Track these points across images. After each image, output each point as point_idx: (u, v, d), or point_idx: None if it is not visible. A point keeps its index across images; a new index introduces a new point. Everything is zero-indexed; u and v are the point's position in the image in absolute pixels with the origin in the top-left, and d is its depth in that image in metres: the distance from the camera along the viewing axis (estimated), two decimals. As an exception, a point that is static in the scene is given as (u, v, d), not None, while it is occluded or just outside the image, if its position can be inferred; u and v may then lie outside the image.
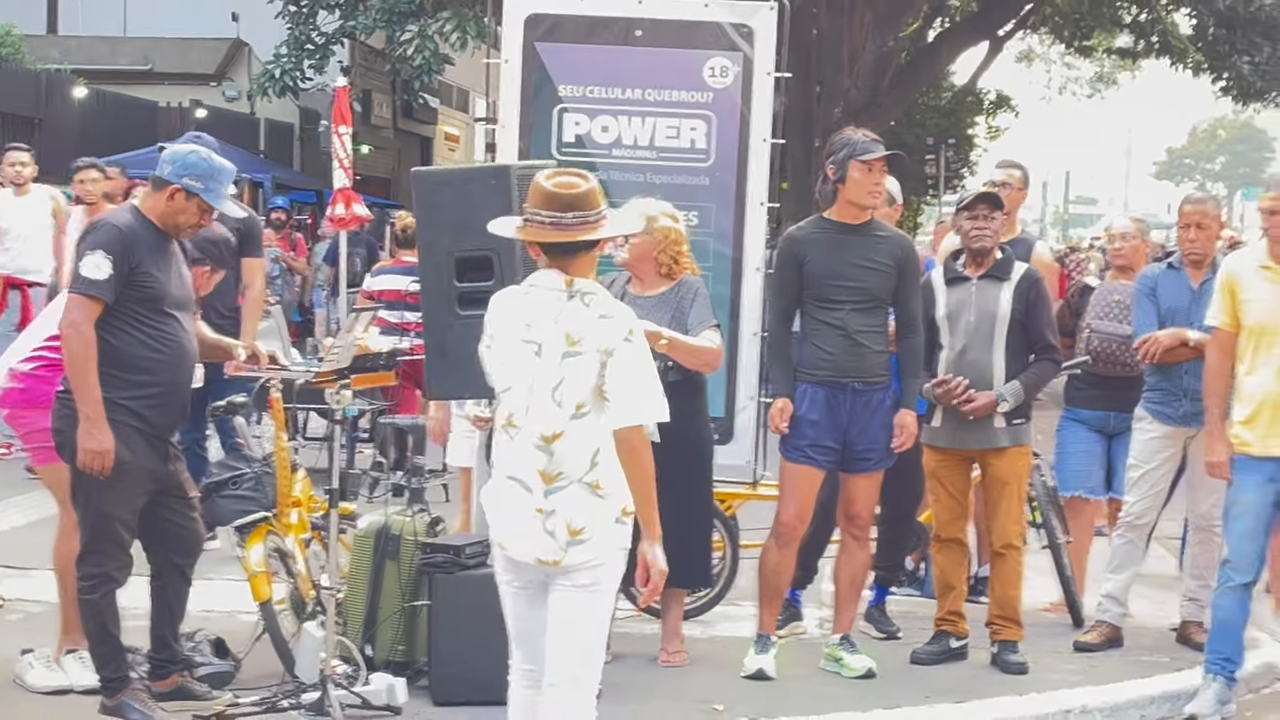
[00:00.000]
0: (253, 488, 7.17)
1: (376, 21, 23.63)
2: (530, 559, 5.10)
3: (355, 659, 6.95)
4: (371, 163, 34.08)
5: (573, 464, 5.04)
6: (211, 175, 6.54)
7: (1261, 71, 28.13)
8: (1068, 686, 7.56)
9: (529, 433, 5.06)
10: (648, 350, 5.11)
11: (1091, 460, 8.81)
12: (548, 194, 5.08)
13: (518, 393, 5.10)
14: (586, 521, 5.02)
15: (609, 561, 5.08)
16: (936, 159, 37.76)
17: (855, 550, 7.69)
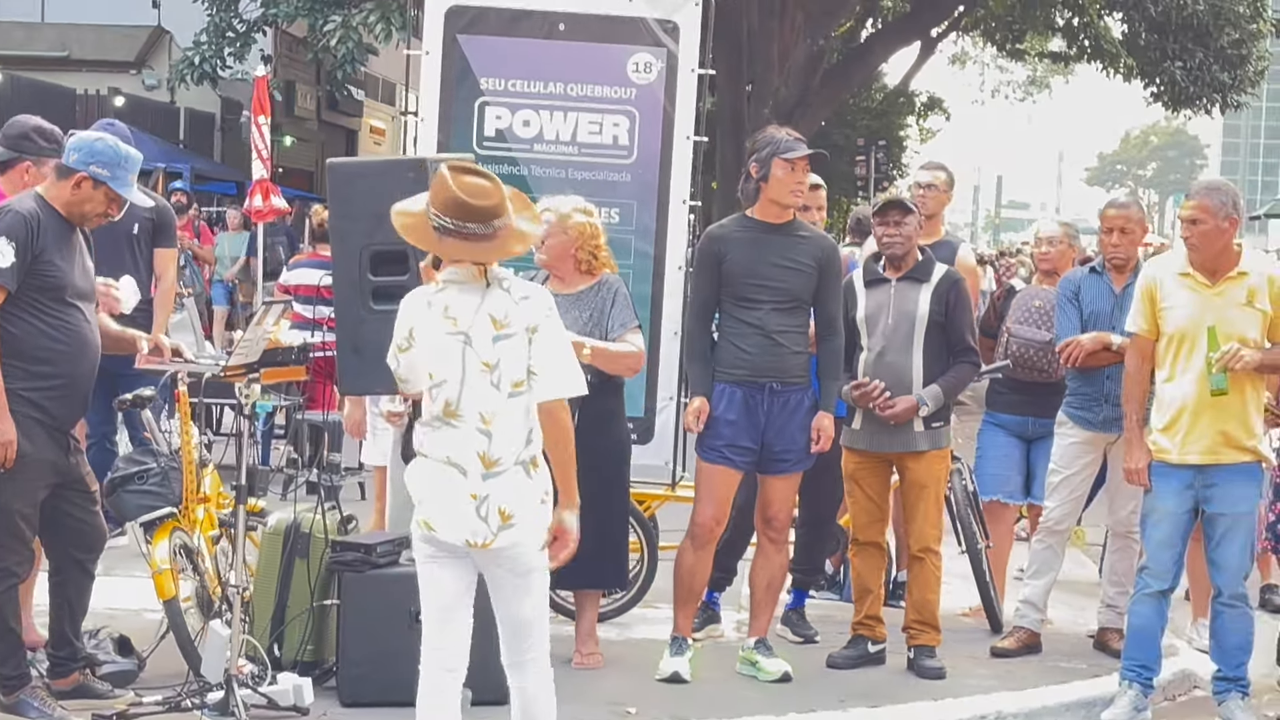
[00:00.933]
0: (159, 483, 7.11)
1: (299, 9, 23.46)
2: (459, 541, 5.31)
3: (262, 658, 6.91)
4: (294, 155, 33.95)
5: (509, 445, 5.28)
6: (119, 163, 6.49)
7: (1194, 77, 28.38)
8: (984, 692, 7.60)
9: (469, 418, 5.28)
10: (562, 326, 5.41)
11: (1011, 465, 8.87)
12: (456, 201, 5.22)
13: (451, 383, 5.30)
14: (517, 506, 5.27)
15: (538, 543, 5.34)
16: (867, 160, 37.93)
17: (772, 553, 7.71)
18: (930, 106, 43.30)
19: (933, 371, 7.72)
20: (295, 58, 32.60)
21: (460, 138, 8.91)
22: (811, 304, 7.53)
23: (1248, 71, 28.98)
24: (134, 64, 33.14)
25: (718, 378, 7.48)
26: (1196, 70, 28.26)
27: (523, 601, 5.41)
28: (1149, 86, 29.78)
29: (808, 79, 26.82)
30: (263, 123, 15.12)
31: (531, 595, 5.42)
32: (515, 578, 5.37)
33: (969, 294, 7.96)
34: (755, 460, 7.51)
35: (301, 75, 34.26)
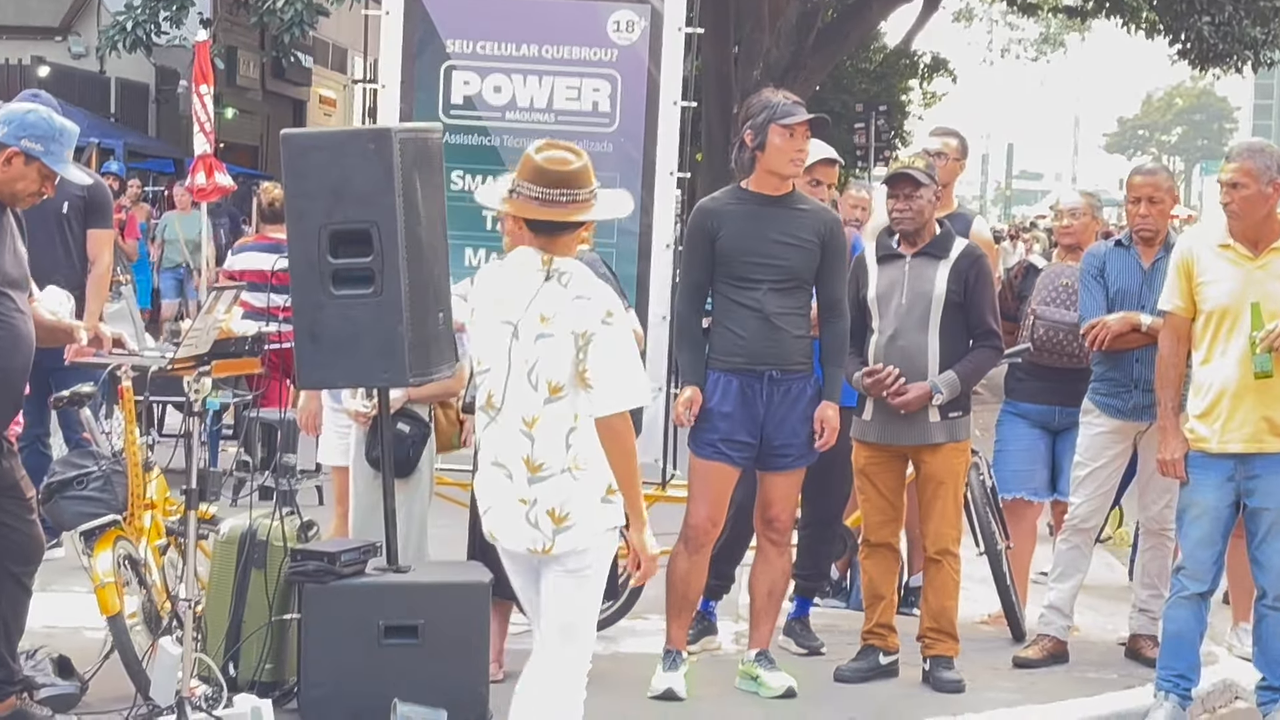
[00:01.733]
0: (100, 488, 7.10)
1: (241, -33, 23.43)
2: (521, 549, 5.56)
3: (216, 679, 6.89)
4: (237, 128, 33.87)
5: (552, 450, 5.46)
6: (53, 137, 6.48)
7: (1223, 33, 28.28)
8: (1006, 705, 7.64)
9: (511, 416, 5.46)
10: (628, 331, 5.49)
11: (1034, 459, 8.90)
12: (537, 168, 5.42)
13: (496, 374, 5.50)
14: (571, 507, 5.45)
15: (596, 545, 5.51)
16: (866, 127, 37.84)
17: (774, 557, 7.73)
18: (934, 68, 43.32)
19: (950, 356, 7.73)
20: (237, 21, 32.53)
21: (425, 106, 8.92)
22: (813, 283, 7.54)
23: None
24: (59, 30, 33.02)
25: (711, 365, 7.49)
26: (1226, 25, 28.17)
27: (571, 603, 5.57)
28: (1174, 43, 29.74)
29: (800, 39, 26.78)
30: (205, 93, 15.07)
31: (581, 598, 5.59)
32: (569, 575, 5.53)
33: (990, 271, 7.98)
34: (754, 455, 7.53)
35: (244, 40, 34.21)
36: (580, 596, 5.58)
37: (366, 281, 6.59)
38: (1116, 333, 8.07)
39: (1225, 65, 30.16)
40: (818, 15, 27.55)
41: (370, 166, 6.60)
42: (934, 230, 7.85)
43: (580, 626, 5.62)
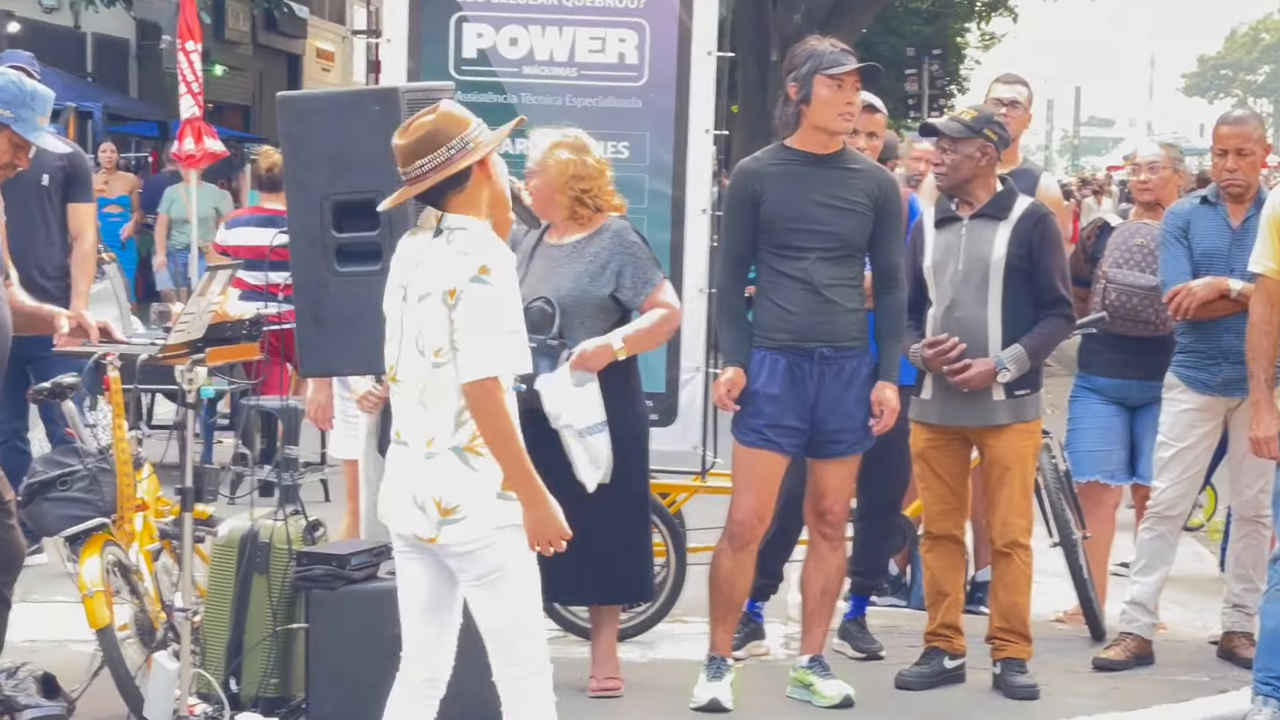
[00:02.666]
0: (86, 488, 7.12)
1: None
2: (406, 533, 5.48)
3: (217, 695, 6.94)
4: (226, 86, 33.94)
5: (441, 425, 5.37)
6: (22, 101, 6.50)
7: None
8: (1085, 713, 7.64)
9: (408, 386, 5.45)
10: (506, 290, 5.34)
11: (1111, 438, 8.89)
12: (396, 148, 5.48)
13: (392, 340, 5.51)
14: (460, 498, 5.34)
15: (495, 544, 5.37)
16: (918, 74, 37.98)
17: (827, 553, 7.73)
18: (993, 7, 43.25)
19: (1014, 328, 7.72)
20: (224, -32, 32.62)
21: (433, 61, 8.92)
22: (867, 251, 7.54)
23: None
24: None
25: (756, 343, 7.49)
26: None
27: (492, 612, 5.48)
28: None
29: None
30: (191, 49, 15.12)
31: (501, 605, 5.46)
32: (478, 584, 5.44)
33: (1059, 232, 7.94)
34: (804, 442, 7.53)
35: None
36: (500, 607, 5.45)
37: (374, 257, 6.55)
38: (1203, 299, 8.06)
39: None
40: (864, -49, 27.51)
41: (375, 131, 6.57)
42: (993, 188, 7.82)
43: (516, 640, 5.50)
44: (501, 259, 5.34)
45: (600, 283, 7.45)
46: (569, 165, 7.50)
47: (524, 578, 5.47)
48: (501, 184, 5.54)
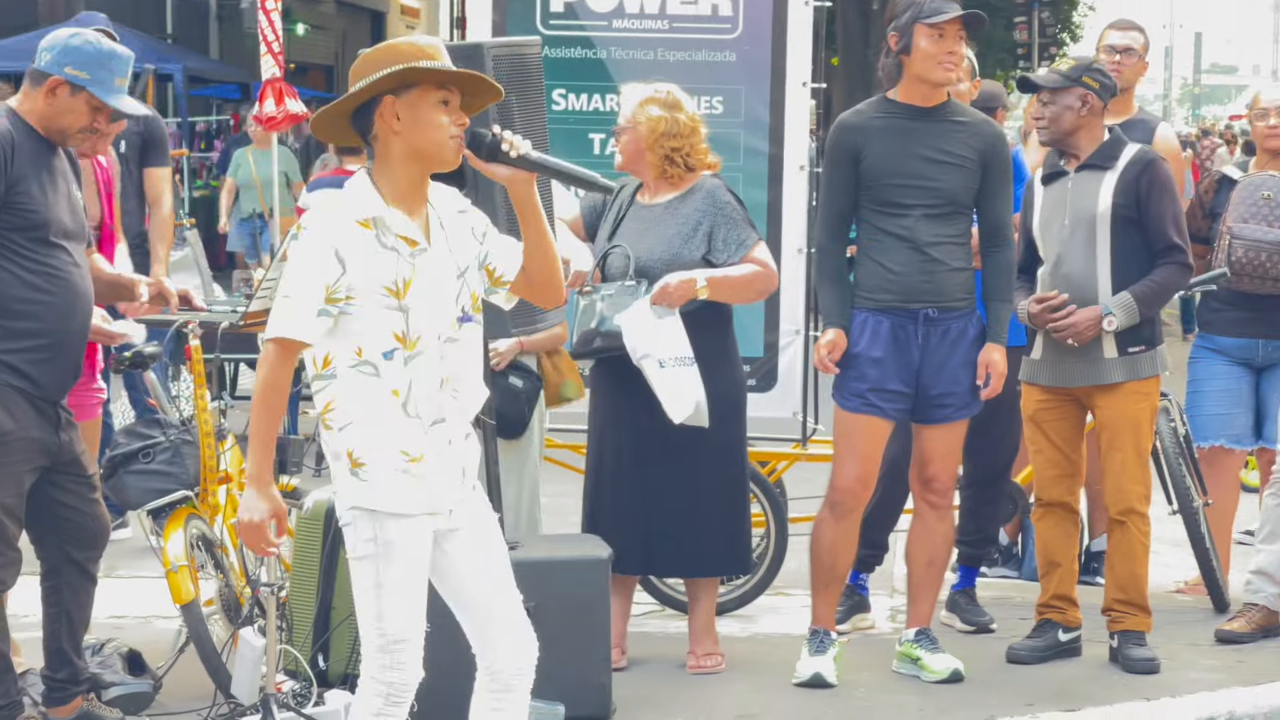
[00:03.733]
0: (169, 461, 7.18)
1: None
2: None
3: (304, 672, 7.01)
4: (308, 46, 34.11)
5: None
6: (100, 63, 6.55)
7: None
8: (1208, 688, 7.62)
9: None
10: (307, 249, 4.96)
11: (1234, 400, 8.84)
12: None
13: None
14: (333, 469, 5.16)
15: (351, 523, 5.11)
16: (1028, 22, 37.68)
17: (934, 522, 7.73)
18: (1107, -51, 42.87)
19: (1126, 281, 7.67)
20: (306, -76, 32.76)
21: (519, 16, 8.95)
22: (973, 208, 7.52)
23: None
24: (106, -59, 33.32)
25: (858, 304, 7.49)
26: None
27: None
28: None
29: (950, -79, 26.64)
30: (272, 8, 15.18)
31: (357, 589, 5.18)
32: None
33: (1170, 177, 7.86)
34: (908, 407, 7.53)
35: (314, -54, 34.42)
36: (356, 588, 5.16)
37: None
38: (1334, 253, 8.01)
39: None
40: (970, -107, 27.33)
41: (461, 88, 6.62)
42: (1099, 138, 7.78)
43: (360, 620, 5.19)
44: (318, 219, 4.98)
45: (692, 245, 7.45)
46: (659, 122, 7.51)
47: (364, 570, 5.10)
48: (423, 136, 4.96)
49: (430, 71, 4.94)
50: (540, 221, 5.12)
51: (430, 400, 5.00)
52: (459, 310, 5.06)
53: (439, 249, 5.04)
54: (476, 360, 5.21)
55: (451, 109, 4.99)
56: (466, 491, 5.18)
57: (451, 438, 5.08)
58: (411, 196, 5.02)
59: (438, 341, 4.99)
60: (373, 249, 4.92)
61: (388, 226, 4.95)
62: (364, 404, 4.97)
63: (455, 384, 5.06)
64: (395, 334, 4.94)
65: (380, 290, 4.92)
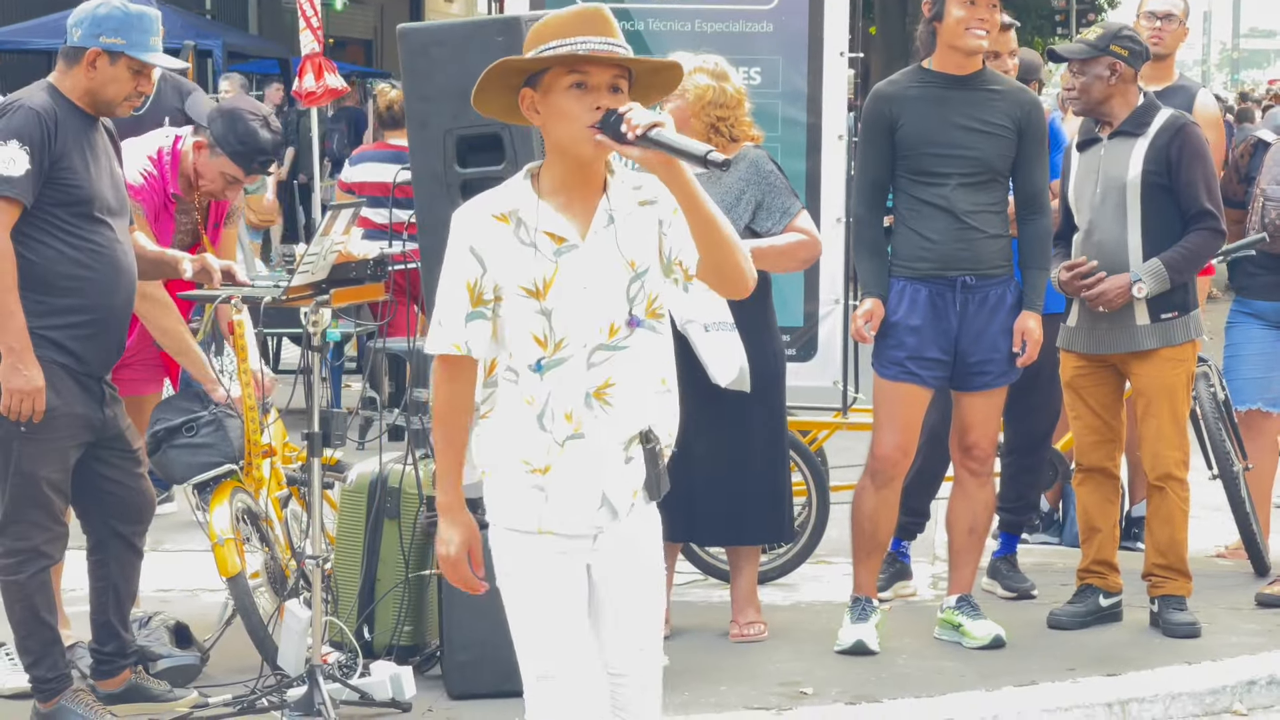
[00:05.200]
0: (213, 434, 7.21)
1: None
2: None
3: (350, 644, 7.04)
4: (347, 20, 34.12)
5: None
6: (132, 25, 6.57)
7: None
8: (1250, 652, 7.61)
9: None
10: (450, 251, 4.50)
11: (1272, 364, 8.82)
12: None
13: None
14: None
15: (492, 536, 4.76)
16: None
17: (974, 489, 7.73)
18: (1144, -86, 42.68)
19: (1158, 248, 7.64)
20: (343, -100, 32.76)
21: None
22: (1010, 176, 7.51)
23: None
24: (144, -83, 33.34)
25: (895, 273, 7.49)
26: None
27: None
28: None
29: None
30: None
31: None
32: None
33: (1202, 142, 7.81)
34: (947, 374, 7.53)
35: (352, -80, 34.42)
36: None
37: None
38: (1369, 217, 7.98)
39: None
40: None
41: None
42: (1133, 104, 7.75)
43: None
44: (460, 215, 4.51)
45: (737, 214, 7.44)
46: (707, 91, 7.51)
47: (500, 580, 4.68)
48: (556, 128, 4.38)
49: (536, 60, 4.33)
50: (698, 206, 4.41)
51: (570, 412, 4.41)
52: (624, 314, 4.44)
53: (599, 246, 4.42)
54: (646, 372, 4.50)
55: (591, 90, 4.32)
56: (608, 519, 4.50)
57: (593, 456, 4.44)
58: (573, 188, 4.43)
59: (586, 348, 4.40)
60: (510, 245, 4.39)
61: (528, 221, 4.39)
62: (501, 411, 4.49)
63: (610, 397, 4.42)
64: (535, 337, 4.39)
65: (518, 290, 4.39)
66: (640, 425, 4.47)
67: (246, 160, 7.28)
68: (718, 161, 4.21)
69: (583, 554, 4.52)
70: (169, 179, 7.34)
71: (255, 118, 7.31)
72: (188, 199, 7.39)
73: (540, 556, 4.50)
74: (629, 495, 4.50)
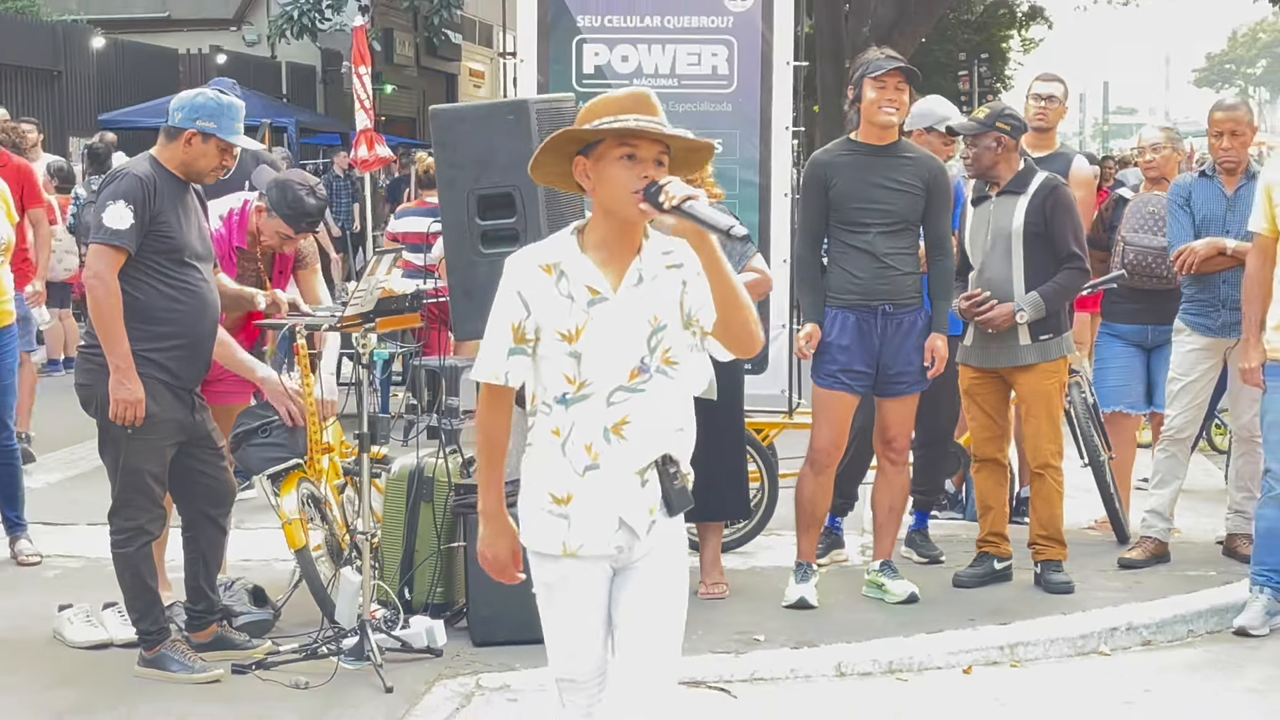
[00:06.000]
0: (283, 435, 7.18)
1: (394, -42, 23.61)
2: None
3: (393, 602, 7.02)
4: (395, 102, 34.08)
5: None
6: (222, 113, 6.56)
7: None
8: (1113, 604, 7.58)
9: None
10: (500, 292, 4.20)
11: (1131, 375, 8.80)
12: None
13: None
14: None
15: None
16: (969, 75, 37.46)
17: (893, 475, 7.70)
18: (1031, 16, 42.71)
19: (1037, 284, 7.66)
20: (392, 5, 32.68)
21: (559, 77, 8.93)
22: (920, 225, 7.48)
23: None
24: (233, 21, 33.36)
25: (829, 303, 7.46)
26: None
27: None
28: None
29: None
30: (364, 73, 15.21)
31: None
32: None
33: (1070, 200, 7.81)
34: (871, 384, 7.50)
35: (399, 22, 34.33)
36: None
37: (512, 240, 6.59)
38: (1204, 257, 7.98)
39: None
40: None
41: (511, 136, 6.61)
42: (1015, 168, 7.76)
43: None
44: (512, 262, 4.18)
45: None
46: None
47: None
48: (607, 193, 4.09)
49: (594, 131, 4.05)
50: (721, 274, 4.06)
51: (590, 445, 4.11)
52: (641, 362, 4.11)
53: (627, 301, 4.10)
54: (661, 412, 4.14)
55: (639, 161, 4.03)
56: (626, 540, 4.16)
57: (609, 484, 4.11)
58: (612, 245, 4.12)
59: (607, 389, 4.09)
60: (551, 294, 4.09)
61: (569, 273, 4.10)
62: (534, 440, 4.18)
63: (626, 432, 4.10)
64: (566, 376, 4.10)
65: (555, 334, 4.09)
66: (651, 456, 4.14)
67: (295, 221, 7.26)
68: (739, 235, 3.93)
69: (605, 570, 4.20)
70: (235, 235, 7.32)
71: (303, 188, 7.28)
72: (251, 250, 7.36)
73: (564, 576, 4.19)
74: (646, 515, 4.16)
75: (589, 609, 4.22)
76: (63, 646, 7.00)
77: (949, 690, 6.70)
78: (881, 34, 23.41)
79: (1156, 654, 7.19)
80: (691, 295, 4.14)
